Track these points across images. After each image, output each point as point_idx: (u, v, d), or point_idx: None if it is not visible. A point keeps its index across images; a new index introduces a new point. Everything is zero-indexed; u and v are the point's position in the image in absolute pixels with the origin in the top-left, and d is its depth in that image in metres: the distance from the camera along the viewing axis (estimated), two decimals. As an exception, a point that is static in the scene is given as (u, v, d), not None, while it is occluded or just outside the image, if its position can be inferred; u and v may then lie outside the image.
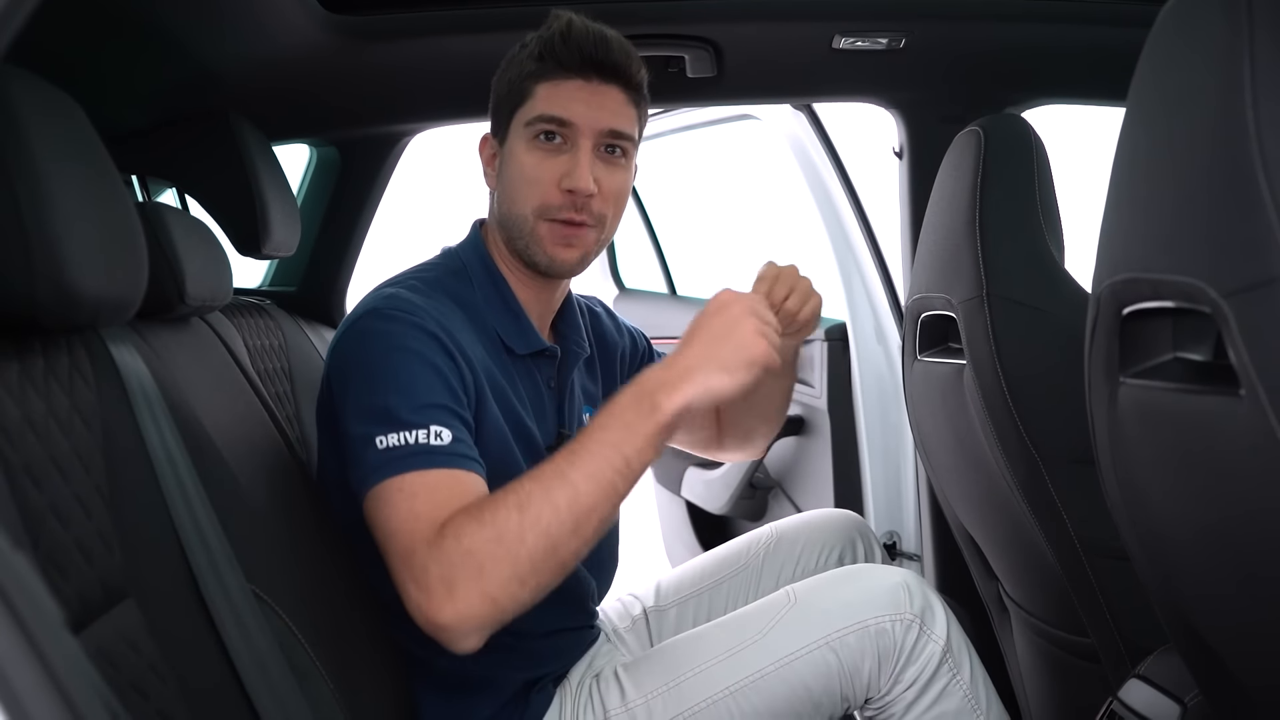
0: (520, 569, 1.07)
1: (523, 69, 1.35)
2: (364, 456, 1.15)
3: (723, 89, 1.96)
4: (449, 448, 1.15)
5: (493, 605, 1.07)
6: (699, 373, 1.16)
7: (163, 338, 1.18)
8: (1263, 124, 0.70)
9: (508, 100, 1.37)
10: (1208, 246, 0.76)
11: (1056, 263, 1.57)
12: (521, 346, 1.39)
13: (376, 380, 1.19)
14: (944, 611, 1.40)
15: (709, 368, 1.16)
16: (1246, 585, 0.87)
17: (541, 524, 1.08)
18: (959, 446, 1.70)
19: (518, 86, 1.35)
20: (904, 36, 1.84)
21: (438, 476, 1.13)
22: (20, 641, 0.47)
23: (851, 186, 2.47)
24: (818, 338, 2.52)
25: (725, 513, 2.80)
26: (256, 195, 1.52)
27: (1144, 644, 1.40)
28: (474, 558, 1.06)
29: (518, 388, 1.38)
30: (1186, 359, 0.87)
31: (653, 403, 1.14)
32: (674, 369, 1.17)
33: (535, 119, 1.33)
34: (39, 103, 0.86)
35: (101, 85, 1.47)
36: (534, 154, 1.34)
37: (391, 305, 1.25)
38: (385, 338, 1.21)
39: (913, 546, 2.42)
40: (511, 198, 1.36)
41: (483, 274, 1.39)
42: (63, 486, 0.83)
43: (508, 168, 1.36)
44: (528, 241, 1.36)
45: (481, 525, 1.08)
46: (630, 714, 1.35)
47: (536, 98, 1.34)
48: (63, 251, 0.81)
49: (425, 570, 1.07)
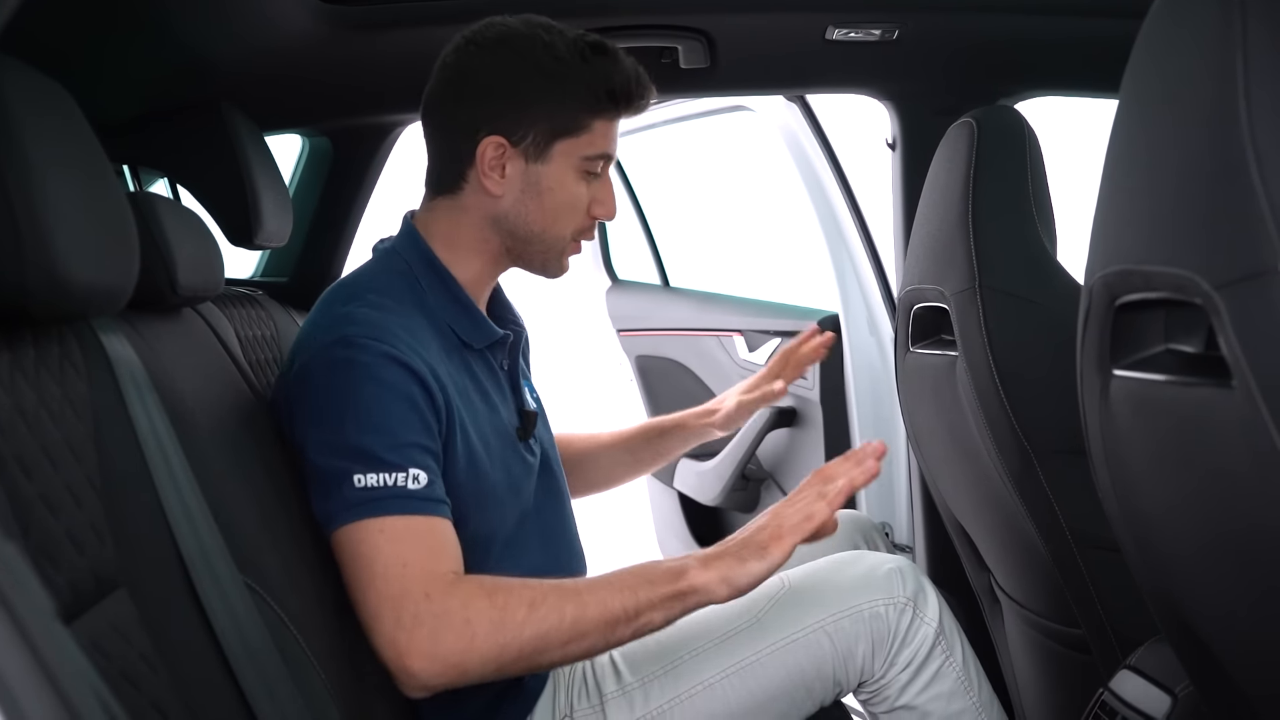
0: (504, 658, 1.16)
1: (579, 97, 1.33)
2: (340, 492, 1.19)
3: (716, 80, 1.96)
4: (425, 492, 1.20)
5: (462, 675, 1.16)
6: (733, 581, 1.20)
7: (154, 328, 1.17)
8: (1255, 115, 0.71)
9: (552, 121, 1.34)
10: (1200, 238, 0.76)
11: (1049, 254, 1.58)
12: (479, 340, 1.40)
13: (350, 415, 1.21)
14: (935, 595, 1.44)
15: (742, 567, 1.20)
16: (1237, 576, 0.88)
17: (543, 627, 1.16)
18: (951, 438, 1.70)
19: (574, 116, 1.34)
20: (897, 28, 1.84)
21: (419, 524, 1.19)
22: (12, 633, 0.47)
23: (844, 178, 2.47)
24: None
25: (718, 504, 2.80)
26: (249, 185, 1.52)
27: (1135, 635, 1.40)
28: (470, 630, 1.14)
29: (480, 382, 1.39)
30: (1178, 350, 0.88)
31: (687, 586, 1.20)
32: (726, 578, 1.20)
33: (597, 157, 1.36)
34: (30, 92, 0.85)
35: (92, 75, 1.46)
36: (582, 185, 1.37)
37: (363, 334, 1.24)
38: (359, 369, 1.22)
39: (904, 538, 2.43)
40: (550, 218, 1.37)
41: (429, 273, 1.38)
42: (54, 476, 0.83)
43: (551, 192, 1.36)
44: (551, 256, 1.41)
45: (491, 606, 1.15)
46: (628, 697, 1.37)
47: (595, 133, 1.35)
48: (54, 241, 0.81)
49: (417, 620, 1.14)
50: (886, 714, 1.42)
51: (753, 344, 2.75)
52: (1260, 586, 0.84)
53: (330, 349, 1.24)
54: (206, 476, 1.06)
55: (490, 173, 1.35)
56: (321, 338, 1.27)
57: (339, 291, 1.36)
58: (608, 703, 1.36)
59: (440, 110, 1.38)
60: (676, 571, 1.20)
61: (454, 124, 1.37)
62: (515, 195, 1.36)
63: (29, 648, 0.47)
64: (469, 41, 1.35)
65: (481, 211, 1.38)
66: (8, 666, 0.46)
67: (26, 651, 0.47)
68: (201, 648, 0.97)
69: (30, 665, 0.47)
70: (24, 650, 0.47)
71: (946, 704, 1.40)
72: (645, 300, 3.29)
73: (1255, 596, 0.86)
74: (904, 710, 1.40)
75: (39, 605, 0.50)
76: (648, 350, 3.20)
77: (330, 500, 1.20)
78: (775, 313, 2.76)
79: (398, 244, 1.41)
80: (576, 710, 1.37)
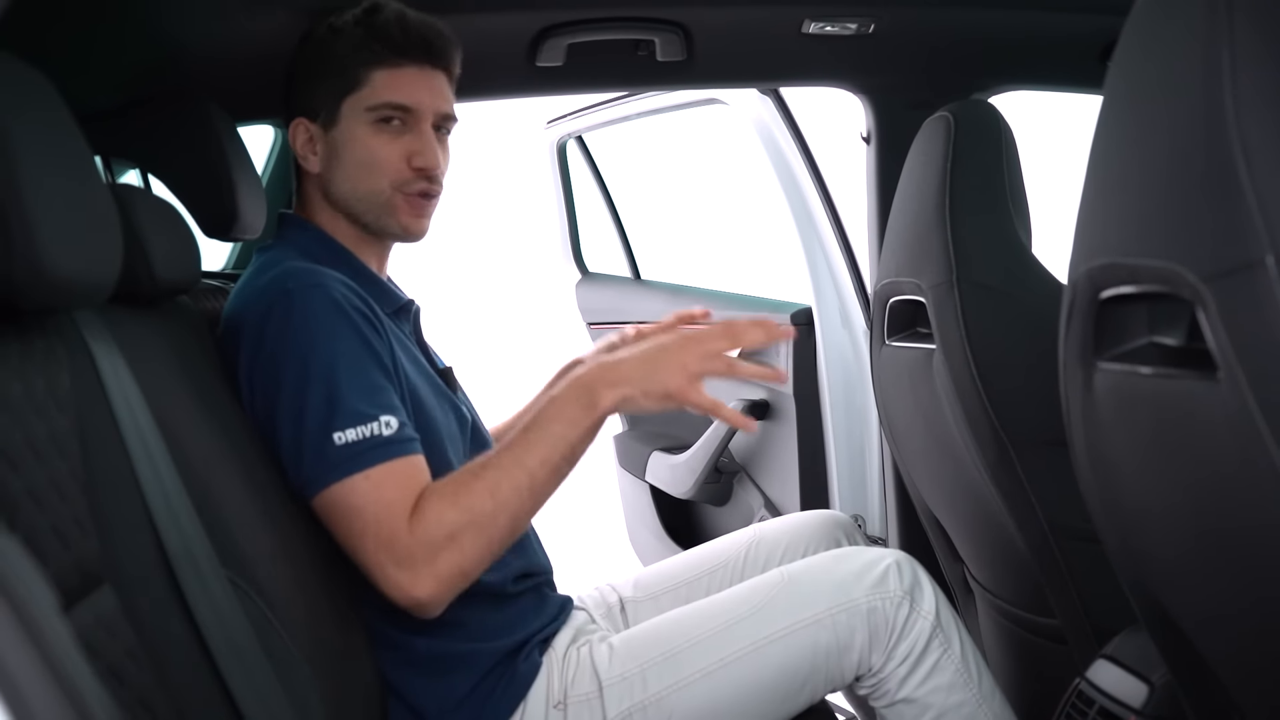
0: (492, 546, 1.24)
1: (351, 55, 1.40)
2: (321, 453, 1.22)
3: (692, 72, 1.96)
4: (399, 434, 1.24)
5: (465, 578, 1.23)
6: (626, 385, 1.27)
7: (133, 321, 1.16)
8: (1242, 108, 0.71)
9: (333, 84, 1.42)
10: (1187, 231, 0.77)
11: (1025, 248, 1.59)
12: (389, 305, 1.46)
13: (315, 369, 1.24)
14: (932, 588, 1.45)
15: (634, 384, 1.27)
16: (1218, 566, 0.89)
17: (510, 507, 1.23)
18: (928, 430, 1.71)
19: (349, 72, 1.41)
20: (873, 22, 1.84)
21: (398, 466, 1.23)
22: (15, 625, 0.47)
23: (818, 171, 2.47)
24: (782, 322, 2.53)
25: (690, 497, 2.80)
26: (224, 177, 1.50)
27: (1111, 625, 1.42)
28: (455, 541, 1.21)
29: (403, 343, 1.43)
30: (1161, 343, 0.88)
31: (591, 399, 1.26)
32: (614, 372, 1.28)
33: (380, 105, 1.41)
34: (14, 82, 0.84)
35: (65, 64, 1.44)
36: (379, 137, 1.42)
37: (306, 282, 1.29)
38: (312, 320, 1.26)
39: (877, 530, 2.44)
40: (360, 176, 1.43)
41: (328, 254, 1.43)
42: (38, 470, 0.82)
43: (348, 150, 1.43)
44: (380, 214, 1.44)
45: (458, 510, 1.22)
46: (627, 683, 1.37)
47: (375, 85, 1.41)
48: (41, 233, 0.80)
49: (410, 553, 1.20)
50: (887, 708, 1.43)
51: (725, 337, 2.75)
52: (1242, 577, 0.85)
53: (278, 302, 1.28)
54: (189, 470, 1.05)
55: (305, 154, 1.45)
56: (265, 297, 1.30)
57: (260, 269, 1.40)
58: (605, 689, 1.36)
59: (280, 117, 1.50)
60: (588, 401, 1.26)
61: (285, 123, 1.48)
62: (326, 165, 1.45)
63: (33, 640, 0.47)
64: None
65: (316, 193, 1.47)
66: (12, 658, 0.46)
67: (30, 643, 0.47)
68: (186, 643, 0.97)
69: (34, 657, 0.47)
70: (28, 642, 0.47)
71: (946, 696, 1.41)
72: (616, 293, 3.28)
73: (1237, 587, 0.87)
74: (904, 704, 1.41)
75: (41, 598, 0.49)
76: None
77: (313, 463, 1.22)
78: (747, 305, 2.76)
79: (289, 238, 1.47)
80: (571, 695, 1.37)
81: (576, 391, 1.27)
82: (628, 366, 1.28)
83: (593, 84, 2.27)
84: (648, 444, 3.03)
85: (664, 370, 1.27)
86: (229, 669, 0.99)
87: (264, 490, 1.21)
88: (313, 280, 1.29)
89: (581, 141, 3.22)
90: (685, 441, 2.84)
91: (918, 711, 1.42)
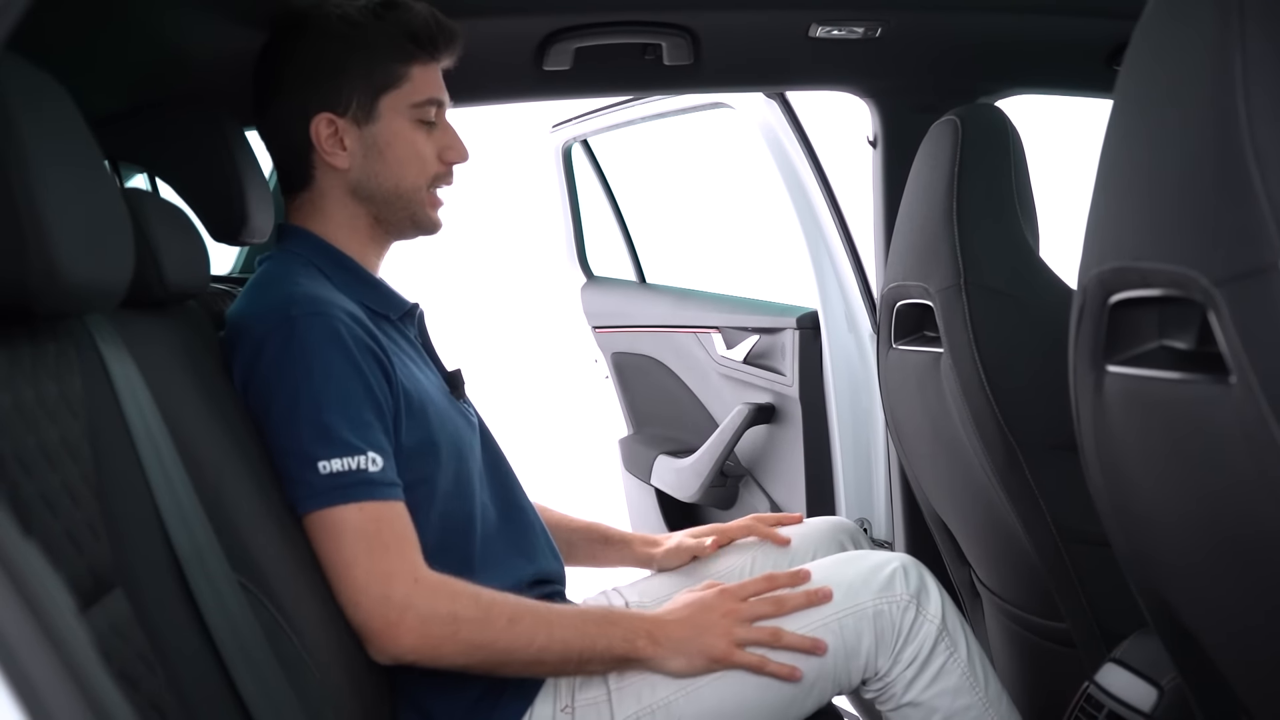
0: (474, 656, 1.27)
1: (387, 51, 1.40)
2: (305, 478, 1.24)
3: (700, 77, 1.97)
4: (382, 475, 1.26)
5: (435, 660, 1.26)
6: (669, 645, 1.34)
7: (144, 325, 1.16)
8: (1254, 113, 0.71)
9: (366, 80, 1.41)
10: (1199, 235, 0.77)
11: (1033, 251, 1.59)
12: (393, 310, 1.46)
13: (305, 394, 1.25)
14: (938, 592, 1.45)
15: (678, 646, 1.34)
16: (1230, 570, 0.89)
17: (515, 644, 1.27)
18: (935, 434, 1.71)
19: (387, 69, 1.41)
20: (880, 26, 1.85)
21: (385, 510, 1.26)
22: (35, 629, 0.47)
23: (824, 175, 2.48)
24: (789, 325, 2.53)
25: (695, 501, 2.80)
26: (233, 181, 1.50)
27: (1119, 629, 1.42)
28: (455, 624, 1.24)
29: (404, 348, 1.43)
30: (1172, 347, 0.88)
31: (633, 643, 1.33)
32: (662, 629, 1.35)
33: (425, 102, 1.43)
34: (28, 88, 0.84)
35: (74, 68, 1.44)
36: (419, 133, 1.44)
37: (309, 309, 1.29)
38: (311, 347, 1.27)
39: (883, 534, 2.44)
40: (404, 172, 1.43)
41: (329, 262, 1.43)
42: (51, 475, 0.82)
43: (391, 147, 1.43)
44: (414, 209, 1.46)
45: (478, 607, 1.26)
46: (634, 688, 1.36)
47: (414, 81, 1.42)
48: (55, 238, 0.80)
49: (407, 601, 1.23)
50: (894, 711, 1.42)
51: (730, 341, 2.75)
52: (1255, 582, 0.85)
53: (279, 327, 1.28)
54: (199, 474, 1.06)
55: (332, 150, 1.42)
56: (268, 318, 1.30)
57: (267, 279, 1.40)
58: (613, 694, 1.36)
59: (267, 113, 1.46)
60: (629, 638, 1.33)
61: (283, 119, 1.43)
62: (360, 162, 1.43)
63: (52, 643, 0.47)
64: (268, 42, 1.45)
65: (339, 190, 1.44)
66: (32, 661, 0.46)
67: (50, 646, 0.47)
68: (197, 647, 0.97)
69: (54, 660, 0.47)
70: (47, 645, 0.47)
71: (952, 699, 1.41)
72: (621, 297, 3.28)
73: (1251, 593, 0.87)
74: (910, 707, 1.41)
75: (61, 601, 0.49)
76: (624, 347, 3.19)
77: (297, 486, 1.24)
78: (753, 309, 2.76)
79: (290, 248, 1.45)
80: (579, 701, 1.37)
81: (629, 626, 1.34)
82: (675, 628, 1.35)
83: (600, 88, 2.27)
84: (653, 447, 3.03)
85: (709, 635, 1.34)
86: (239, 673, 0.99)
87: (273, 494, 1.22)
88: (315, 309, 1.29)
89: (587, 145, 3.23)
90: (691, 445, 2.84)
91: (924, 715, 1.41)
